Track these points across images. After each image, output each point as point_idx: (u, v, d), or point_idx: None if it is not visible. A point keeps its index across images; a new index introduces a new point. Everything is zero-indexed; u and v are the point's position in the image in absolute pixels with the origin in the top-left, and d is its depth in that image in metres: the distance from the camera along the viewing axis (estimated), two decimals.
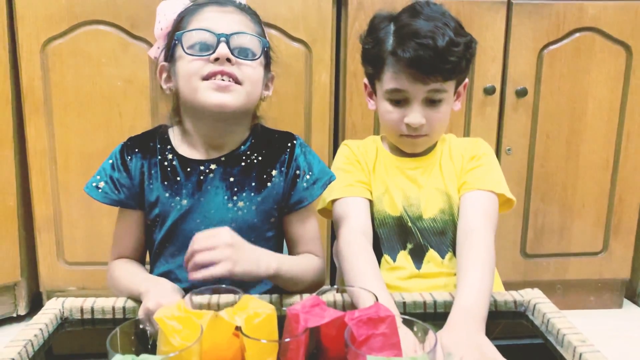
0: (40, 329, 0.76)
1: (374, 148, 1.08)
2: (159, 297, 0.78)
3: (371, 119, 1.67)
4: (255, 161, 0.95)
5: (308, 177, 0.96)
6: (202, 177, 0.93)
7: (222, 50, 0.87)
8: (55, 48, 1.57)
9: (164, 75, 0.96)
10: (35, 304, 1.79)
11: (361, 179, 1.03)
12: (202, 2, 0.94)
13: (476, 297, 0.82)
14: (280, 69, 1.04)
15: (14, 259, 1.68)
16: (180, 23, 0.93)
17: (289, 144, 0.98)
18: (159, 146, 0.95)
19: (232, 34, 0.88)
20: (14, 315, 1.75)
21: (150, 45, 1.58)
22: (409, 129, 0.99)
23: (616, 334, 1.76)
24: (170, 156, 0.94)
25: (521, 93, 1.68)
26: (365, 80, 1.07)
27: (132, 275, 0.92)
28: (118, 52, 1.58)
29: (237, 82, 0.89)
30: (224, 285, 0.70)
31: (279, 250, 1.01)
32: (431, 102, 0.98)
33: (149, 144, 0.96)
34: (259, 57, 0.92)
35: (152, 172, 0.94)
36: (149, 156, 0.94)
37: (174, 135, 0.97)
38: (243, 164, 0.95)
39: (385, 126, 1.04)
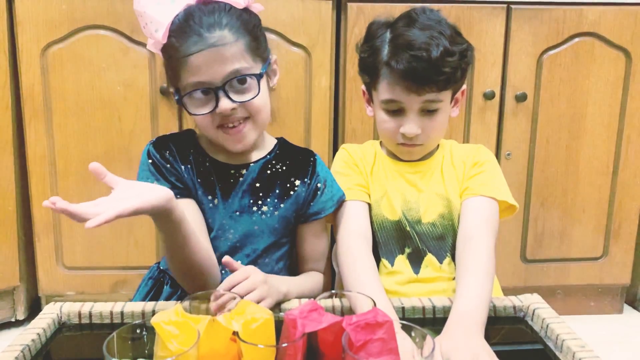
0: (38, 334, 0.76)
1: (373, 152, 1.08)
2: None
3: (371, 124, 1.67)
4: (279, 170, 1.00)
5: (327, 191, 1.00)
6: (232, 180, 0.98)
7: (224, 105, 0.90)
8: (55, 53, 1.57)
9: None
10: (34, 309, 1.78)
11: (359, 182, 1.03)
12: (185, 46, 0.88)
13: (475, 302, 0.82)
14: (280, 73, 1.05)
15: (12, 264, 1.68)
16: (172, 69, 0.92)
17: (311, 159, 1.03)
18: (191, 147, 0.99)
19: (226, 83, 0.89)
20: (13, 320, 1.75)
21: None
22: (405, 139, 0.99)
23: (616, 340, 1.75)
24: (201, 158, 0.99)
25: (521, 98, 1.68)
26: (363, 87, 1.08)
27: None
28: (118, 56, 1.58)
29: (245, 119, 0.93)
30: (221, 290, 0.70)
31: (289, 257, 1.04)
32: (427, 112, 0.98)
33: (180, 143, 0.99)
34: (258, 93, 0.92)
35: (189, 166, 0.97)
36: (184, 153, 0.98)
37: (202, 141, 1.01)
38: (269, 172, 1.00)
39: (382, 135, 1.05)
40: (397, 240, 1.02)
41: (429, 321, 0.84)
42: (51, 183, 1.63)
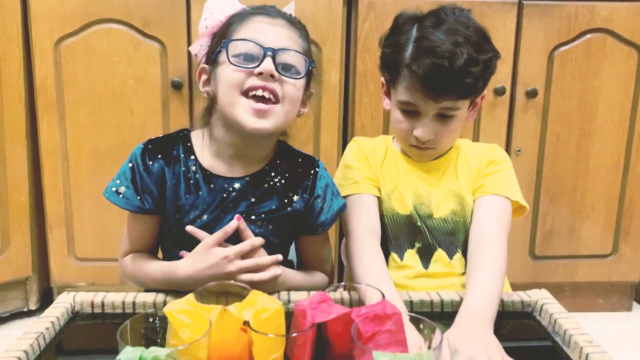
0: (52, 322, 0.77)
1: (384, 146, 1.08)
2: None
3: (380, 120, 1.67)
4: (278, 184, 0.93)
5: (327, 206, 0.95)
6: (224, 195, 0.91)
7: (267, 65, 0.84)
8: (68, 46, 1.59)
9: (203, 77, 0.93)
10: (46, 299, 1.81)
11: (369, 176, 1.04)
12: (252, 10, 0.91)
13: (485, 297, 0.82)
14: None
15: (25, 255, 1.70)
16: (227, 28, 0.90)
17: (312, 171, 0.95)
18: (182, 155, 0.92)
19: (279, 50, 0.86)
20: (25, 310, 1.77)
21: (162, 43, 1.59)
22: (418, 141, 0.99)
23: (625, 337, 1.75)
24: (193, 168, 0.91)
25: (531, 94, 1.68)
26: (383, 80, 1.07)
27: (158, 262, 0.95)
28: (130, 50, 1.60)
29: (276, 98, 0.86)
30: (232, 281, 0.71)
31: (288, 267, 1.00)
32: (442, 117, 0.97)
33: (171, 151, 0.92)
34: (303, 76, 0.89)
35: (175, 181, 0.91)
36: (172, 164, 0.91)
37: (198, 141, 0.94)
38: (266, 185, 0.92)
39: (396, 133, 1.05)
40: (407, 235, 1.02)
41: (437, 315, 0.85)
42: (63, 175, 1.65)
